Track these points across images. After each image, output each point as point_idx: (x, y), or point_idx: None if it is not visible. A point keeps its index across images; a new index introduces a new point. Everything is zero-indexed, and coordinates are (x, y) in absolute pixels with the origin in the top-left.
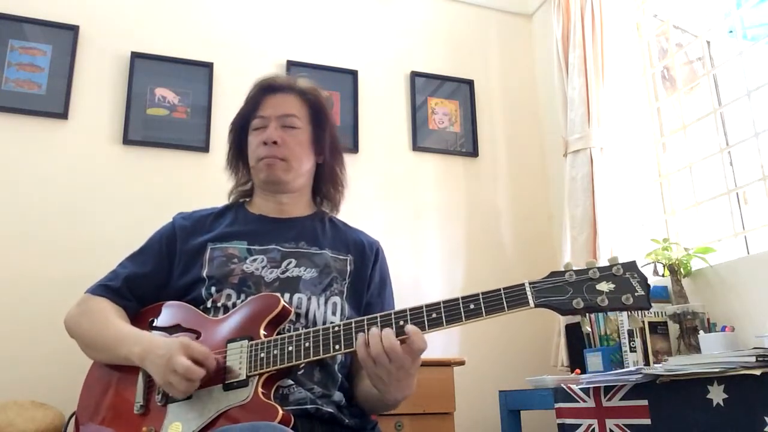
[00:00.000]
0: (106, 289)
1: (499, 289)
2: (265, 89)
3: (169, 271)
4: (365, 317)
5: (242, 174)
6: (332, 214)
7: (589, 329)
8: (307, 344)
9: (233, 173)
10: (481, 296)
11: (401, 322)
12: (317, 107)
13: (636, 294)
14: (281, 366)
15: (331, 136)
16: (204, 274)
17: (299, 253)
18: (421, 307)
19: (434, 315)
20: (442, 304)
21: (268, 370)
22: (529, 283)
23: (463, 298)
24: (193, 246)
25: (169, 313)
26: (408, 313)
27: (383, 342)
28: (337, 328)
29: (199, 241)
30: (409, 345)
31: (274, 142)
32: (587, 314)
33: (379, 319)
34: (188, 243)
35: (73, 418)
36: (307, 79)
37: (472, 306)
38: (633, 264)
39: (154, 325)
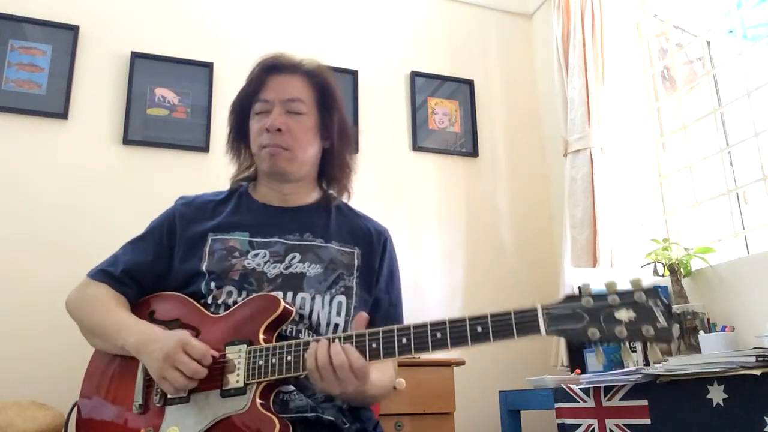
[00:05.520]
0: (105, 274)
1: (509, 312)
2: (268, 69)
3: (169, 258)
4: (366, 331)
5: (244, 158)
6: (341, 200)
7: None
8: (306, 355)
9: (234, 158)
10: (489, 318)
11: (404, 340)
12: (324, 89)
13: (658, 326)
14: (279, 377)
15: (340, 119)
16: (204, 267)
17: (304, 247)
18: (426, 326)
19: (439, 335)
20: (448, 325)
21: (266, 379)
22: (542, 308)
23: (470, 318)
24: (194, 234)
25: (169, 306)
26: (412, 331)
27: (332, 359)
28: (336, 341)
29: (200, 230)
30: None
31: (278, 130)
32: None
33: (381, 334)
34: (189, 230)
35: (75, 408)
36: (314, 58)
37: (479, 329)
38: (657, 290)
39: (153, 317)
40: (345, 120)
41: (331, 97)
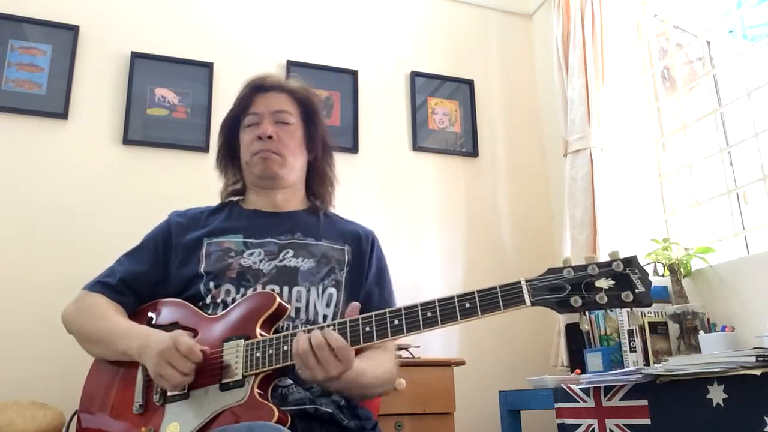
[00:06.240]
0: (103, 285)
1: (495, 287)
2: (256, 88)
3: (165, 267)
4: (360, 316)
5: (232, 173)
6: (326, 209)
7: (588, 328)
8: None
9: (222, 173)
10: (476, 295)
11: (396, 321)
12: (308, 105)
13: (637, 291)
14: (276, 366)
15: (322, 133)
16: (201, 269)
17: (296, 244)
18: (416, 306)
19: (429, 314)
20: (437, 303)
21: (264, 370)
22: (526, 281)
23: (458, 296)
24: (189, 240)
25: (167, 310)
26: (403, 312)
27: (312, 342)
28: (331, 328)
29: (195, 236)
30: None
31: (270, 137)
32: (586, 312)
33: (374, 317)
34: (184, 238)
35: (76, 417)
36: (298, 79)
37: (467, 305)
38: (634, 259)
39: (152, 322)
40: (327, 135)
41: (315, 113)
